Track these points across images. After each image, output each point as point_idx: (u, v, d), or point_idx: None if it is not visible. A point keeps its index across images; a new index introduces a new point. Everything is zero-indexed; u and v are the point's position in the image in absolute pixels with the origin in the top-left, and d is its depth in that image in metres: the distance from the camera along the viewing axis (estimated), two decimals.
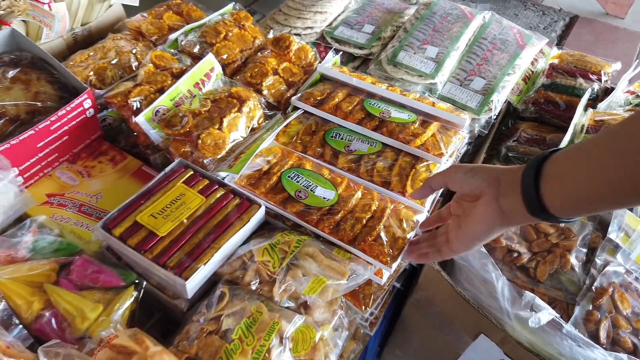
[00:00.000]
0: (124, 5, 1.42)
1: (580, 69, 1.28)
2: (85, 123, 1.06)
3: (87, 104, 1.05)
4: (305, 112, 1.13)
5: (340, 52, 1.37)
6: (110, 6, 1.36)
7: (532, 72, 1.35)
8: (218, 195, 0.91)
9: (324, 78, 1.20)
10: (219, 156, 1.01)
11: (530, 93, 1.28)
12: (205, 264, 0.81)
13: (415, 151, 1.03)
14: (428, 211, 1.02)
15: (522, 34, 1.35)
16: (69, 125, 1.03)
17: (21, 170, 0.98)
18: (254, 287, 0.83)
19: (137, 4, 1.36)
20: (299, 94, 1.15)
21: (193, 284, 0.80)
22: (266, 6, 2.93)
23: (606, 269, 0.88)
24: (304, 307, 0.83)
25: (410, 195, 0.86)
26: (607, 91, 1.26)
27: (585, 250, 0.95)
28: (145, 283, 0.83)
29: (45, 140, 1.00)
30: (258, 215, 0.90)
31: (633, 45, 2.85)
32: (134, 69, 1.22)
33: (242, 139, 1.05)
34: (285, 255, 0.85)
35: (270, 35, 1.34)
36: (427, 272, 0.96)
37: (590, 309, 0.85)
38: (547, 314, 0.83)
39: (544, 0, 3.21)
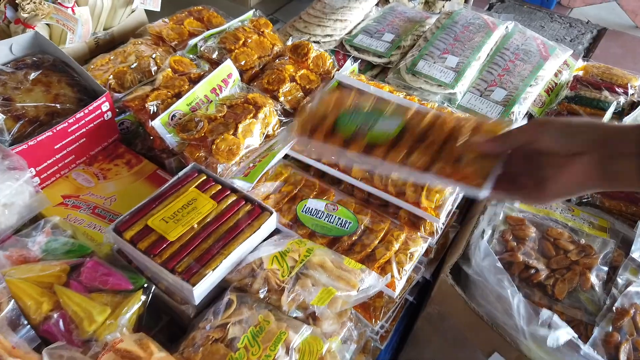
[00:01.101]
0: (146, 11, 1.44)
1: (606, 81, 1.24)
2: (102, 126, 1.07)
3: (105, 107, 1.06)
4: None
5: (359, 60, 1.36)
6: (133, 11, 1.37)
7: (556, 83, 1.32)
8: (230, 201, 0.91)
9: (341, 86, 1.19)
10: (233, 162, 1.00)
11: (553, 105, 1.24)
12: (213, 269, 0.81)
13: None
14: (443, 223, 1.00)
15: (546, 44, 1.32)
16: (87, 128, 1.04)
17: (38, 171, 0.99)
18: (262, 296, 0.82)
19: (158, 9, 1.38)
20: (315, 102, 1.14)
21: (200, 290, 0.79)
22: (288, 14, 2.94)
23: (628, 289, 0.85)
24: (312, 318, 0.82)
25: (482, 145, 0.67)
26: (633, 105, 1.22)
27: (606, 268, 0.92)
28: (154, 287, 0.82)
29: (63, 142, 1.01)
30: (269, 223, 0.89)
31: None
32: (153, 73, 1.23)
33: (256, 146, 1.05)
34: (295, 264, 0.84)
35: (289, 43, 1.34)
36: (441, 285, 0.94)
37: (610, 330, 0.82)
38: (565, 332, 0.80)
39: (571, 12, 3.15)
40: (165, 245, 0.83)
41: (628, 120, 1.15)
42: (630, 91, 1.23)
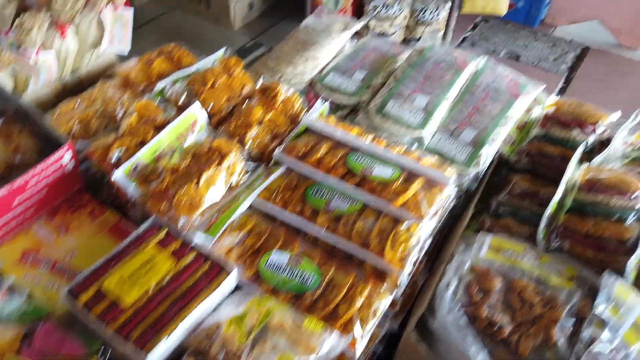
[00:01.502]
0: None
1: (577, 119, 1.23)
2: (64, 177, 1.05)
3: (67, 157, 1.04)
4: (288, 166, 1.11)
5: (329, 100, 1.35)
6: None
7: (527, 122, 1.31)
8: (189, 260, 0.89)
9: (309, 129, 1.18)
10: (195, 215, 0.99)
11: (524, 144, 1.24)
12: (169, 335, 0.79)
13: (396, 212, 1.00)
14: (410, 274, 0.99)
15: (516, 82, 1.32)
16: (47, 181, 1.02)
17: None
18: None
19: (126, 52, 1.37)
20: (282, 147, 1.13)
21: (154, 357, 0.77)
22: (274, 37, 2.95)
23: (591, 347, 0.83)
24: None
25: None
26: (604, 143, 1.21)
27: (573, 319, 0.90)
28: (110, 351, 0.81)
29: (22, 197, 0.99)
30: (229, 282, 0.88)
31: None
32: (120, 117, 1.21)
33: (220, 197, 1.03)
34: (253, 327, 0.82)
35: (260, 82, 1.33)
36: (406, 340, 0.92)
37: None
38: None
39: (555, 30, 3.17)
40: (119, 311, 0.81)
41: (598, 160, 1.14)
42: (601, 129, 1.22)
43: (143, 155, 1.05)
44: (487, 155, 1.18)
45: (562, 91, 2.78)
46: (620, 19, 2.98)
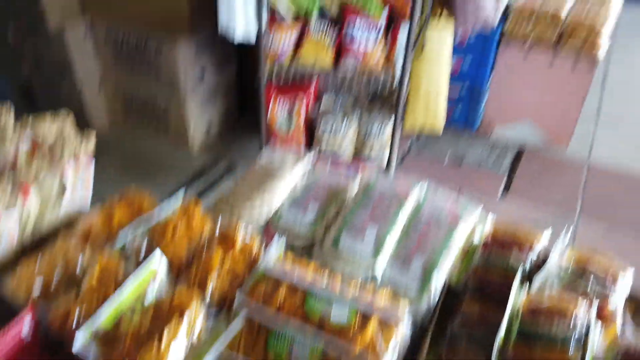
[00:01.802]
0: None
1: (514, 241, 1.34)
2: (23, 347, 1.05)
3: (27, 326, 1.05)
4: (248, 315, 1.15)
5: (286, 235, 1.42)
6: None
7: (470, 244, 1.41)
8: None
9: (267, 274, 1.23)
10: None
11: (469, 270, 1.32)
12: None
13: (356, 356, 1.04)
14: None
15: (455, 210, 1.43)
16: (6, 352, 1.02)
17: None
18: None
19: (87, 211, 1.42)
20: (241, 294, 1.17)
21: None
22: (233, 156, 3.08)
23: None
24: None
25: None
26: (541, 263, 1.31)
27: None
28: None
29: None
30: None
31: (576, 177, 3.03)
32: (81, 273, 1.23)
33: (182, 353, 1.05)
34: None
35: (219, 223, 1.39)
36: None
37: None
38: None
39: (492, 132, 3.42)
40: None
41: (537, 284, 1.23)
42: (536, 250, 1.32)
43: (103, 322, 1.07)
44: (437, 283, 1.26)
45: (506, 189, 2.98)
46: (549, 119, 3.25)
